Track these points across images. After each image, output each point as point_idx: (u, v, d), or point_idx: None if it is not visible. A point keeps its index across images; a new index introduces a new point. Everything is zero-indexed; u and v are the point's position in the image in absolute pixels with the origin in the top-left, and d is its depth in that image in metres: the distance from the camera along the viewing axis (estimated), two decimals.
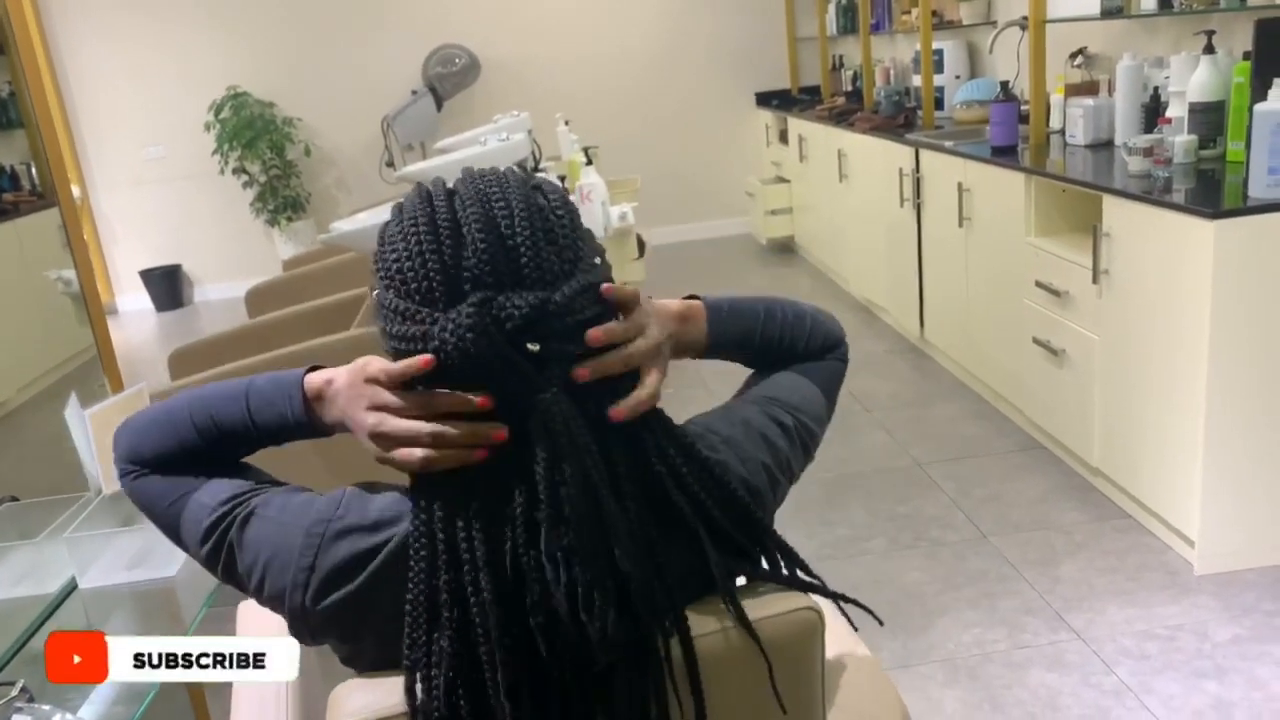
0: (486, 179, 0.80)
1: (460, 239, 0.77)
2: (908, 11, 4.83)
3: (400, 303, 0.77)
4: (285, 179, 6.30)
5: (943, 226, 3.65)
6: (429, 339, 0.75)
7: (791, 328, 1.02)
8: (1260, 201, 2.16)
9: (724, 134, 6.64)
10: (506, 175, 0.81)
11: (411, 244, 0.77)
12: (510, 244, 0.76)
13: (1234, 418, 2.26)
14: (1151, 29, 3.21)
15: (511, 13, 6.31)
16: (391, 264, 0.79)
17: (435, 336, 0.75)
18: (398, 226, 0.80)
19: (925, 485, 2.98)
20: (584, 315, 0.78)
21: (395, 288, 0.78)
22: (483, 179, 0.80)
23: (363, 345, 2.57)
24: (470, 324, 0.74)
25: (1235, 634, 2.14)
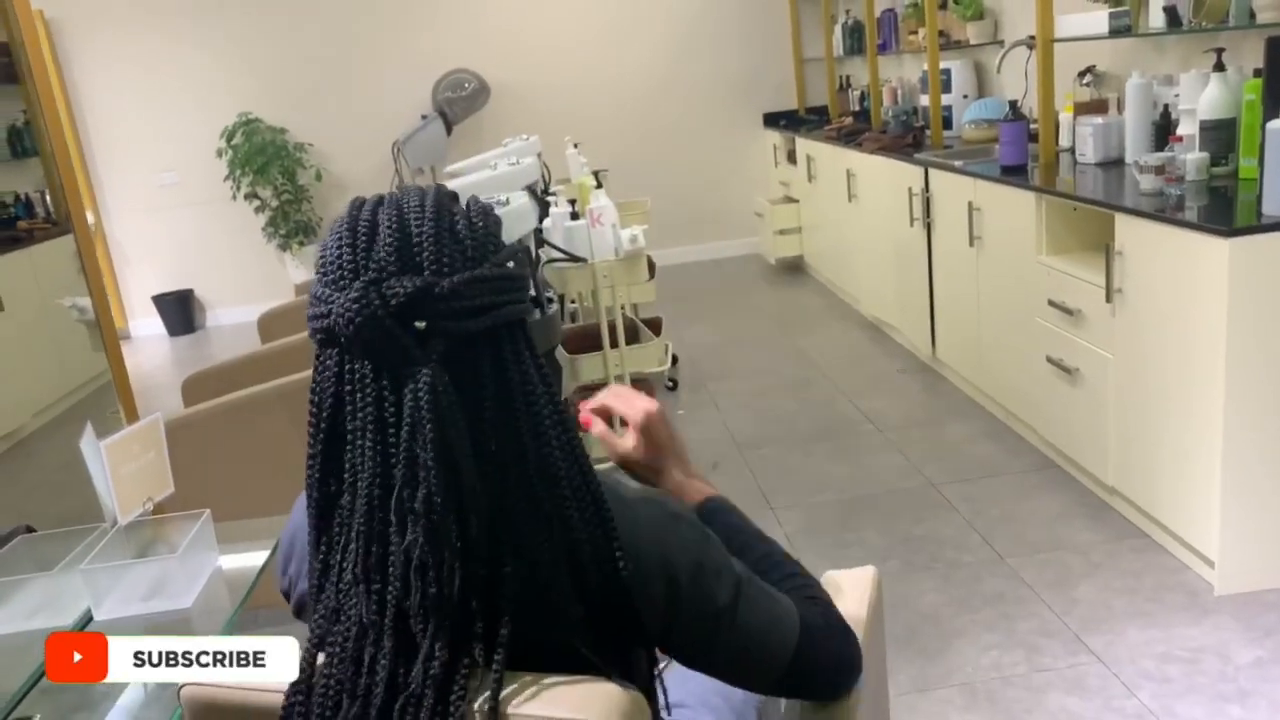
0: (412, 191, 0.88)
1: (374, 236, 0.84)
2: (914, 32, 4.85)
3: (316, 287, 0.84)
4: (297, 204, 6.34)
5: (953, 246, 3.64)
6: (328, 314, 0.82)
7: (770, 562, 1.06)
8: (1274, 219, 2.15)
9: (732, 155, 6.66)
10: (432, 189, 0.88)
11: (332, 239, 0.85)
12: (414, 239, 0.83)
13: (1251, 435, 2.24)
14: (1160, 47, 3.21)
15: (520, 37, 6.35)
16: (318, 256, 0.87)
17: (335, 312, 0.81)
18: (329, 231, 0.87)
19: (939, 506, 2.96)
20: (478, 301, 0.83)
21: (318, 275, 0.86)
22: (410, 191, 0.88)
23: None
24: (356, 298, 0.80)
25: (1258, 656, 2.11)
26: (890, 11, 5.23)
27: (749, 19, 6.46)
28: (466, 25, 6.31)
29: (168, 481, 1.47)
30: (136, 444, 1.39)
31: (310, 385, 0.86)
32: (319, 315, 0.83)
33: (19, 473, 2.34)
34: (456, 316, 0.82)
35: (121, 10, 6.14)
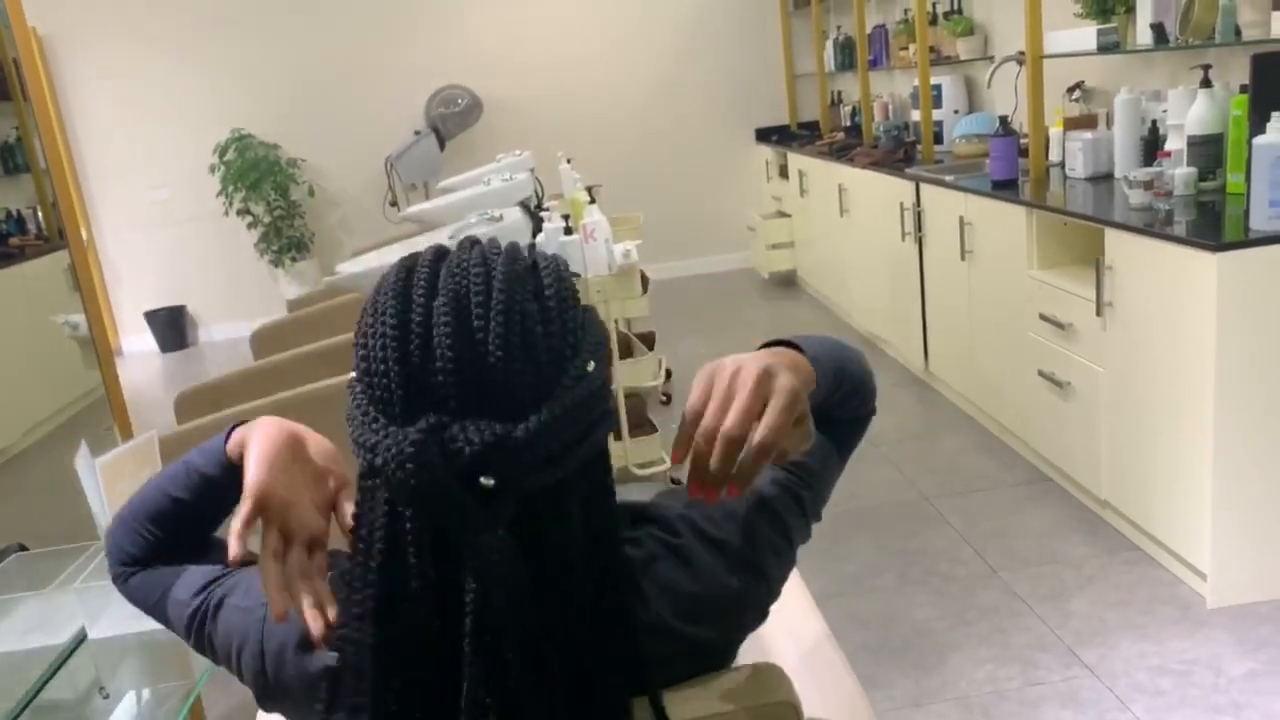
0: (474, 272, 0.71)
1: (429, 350, 0.69)
2: (905, 47, 4.88)
3: (362, 403, 0.71)
4: (289, 220, 6.35)
5: (945, 260, 3.66)
6: (376, 452, 0.68)
7: (864, 371, 0.99)
8: (1262, 234, 2.17)
9: (725, 169, 6.69)
10: (494, 271, 0.71)
11: (377, 345, 0.70)
12: (480, 365, 0.68)
13: (1242, 449, 2.25)
14: (1148, 63, 3.24)
15: (512, 54, 6.38)
16: (360, 358, 0.72)
17: (380, 453, 0.68)
18: (371, 315, 0.72)
19: (933, 520, 2.97)
20: (557, 446, 0.69)
21: (362, 383, 0.72)
22: (469, 273, 0.71)
23: None
24: (412, 453, 0.66)
25: (1250, 669, 2.12)
26: (881, 27, 5.27)
27: (741, 34, 6.50)
28: (459, 41, 6.34)
29: None
30: (131, 462, 1.39)
31: (357, 519, 0.73)
32: (364, 447, 0.69)
33: (11, 490, 2.34)
34: (533, 470, 0.68)
35: (114, 27, 6.15)
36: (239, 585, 0.88)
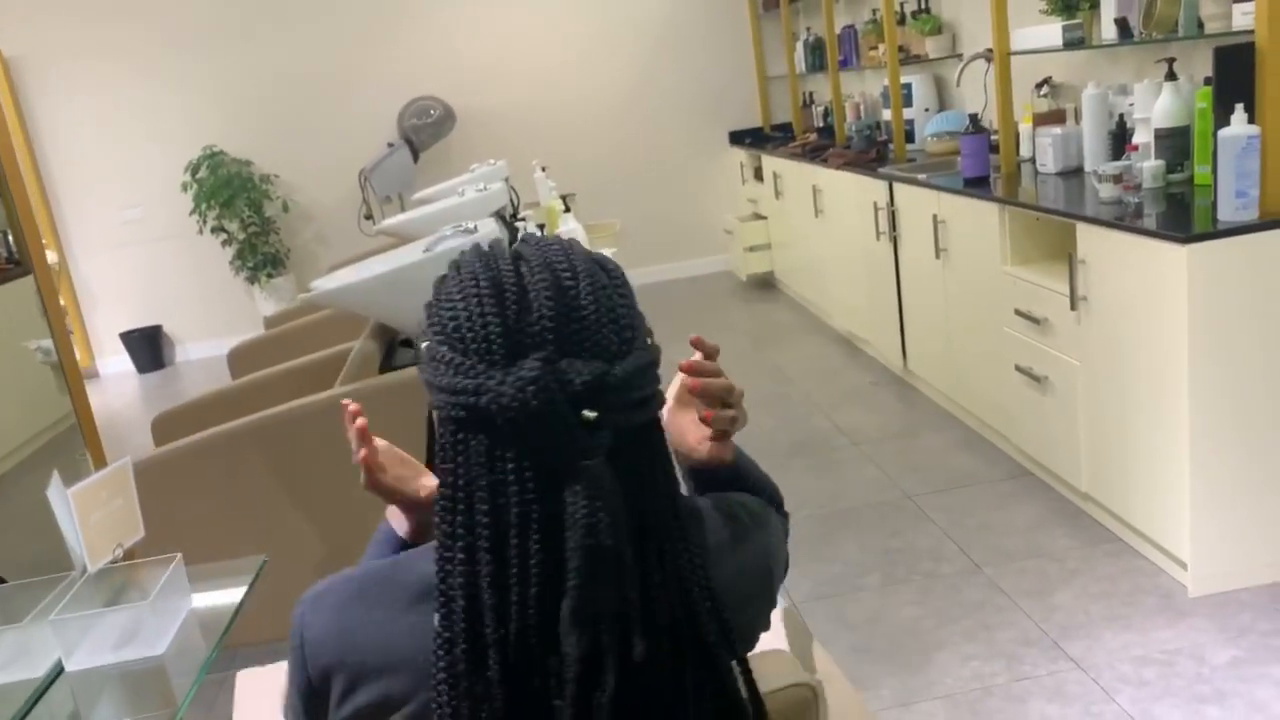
0: (553, 248, 0.81)
1: (526, 302, 0.77)
2: (875, 47, 4.91)
3: (455, 357, 0.76)
4: (264, 236, 6.31)
5: (920, 258, 3.68)
6: (482, 393, 0.74)
7: (765, 479, 1.13)
8: (1229, 224, 2.19)
9: (700, 173, 6.70)
10: (572, 247, 0.82)
11: (472, 303, 0.77)
12: (577, 314, 0.77)
13: (1218, 438, 2.27)
14: (1113, 58, 3.27)
15: (484, 63, 6.37)
16: (448, 320, 0.78)
17: (491, 390, 0.74)
18: (456, 284, 0.79)
19: (916, 518, 2.98)
20: (640, 393, 0.78)
21: (450, 343, 0.77)
22: (549, 248, 0.81)
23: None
24: (534, 379, 0.73)
25: (1233, 656, 2.13)
26: (850, 28, 5.30)
27: (712, 38, 6.51)
28: (430, 52, 6.32)
29: (138, 526, 1.45)
30: (105, 490, 1.37)
31: (448, 475, 0.77)
32: (465, 392, 0.74)
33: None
34: (626, 409, 0.77)
35: (81, 47, 6.10)
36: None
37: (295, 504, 2.59)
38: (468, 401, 0.75)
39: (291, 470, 2.57)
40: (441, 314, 0.79)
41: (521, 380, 0.73)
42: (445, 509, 0.78)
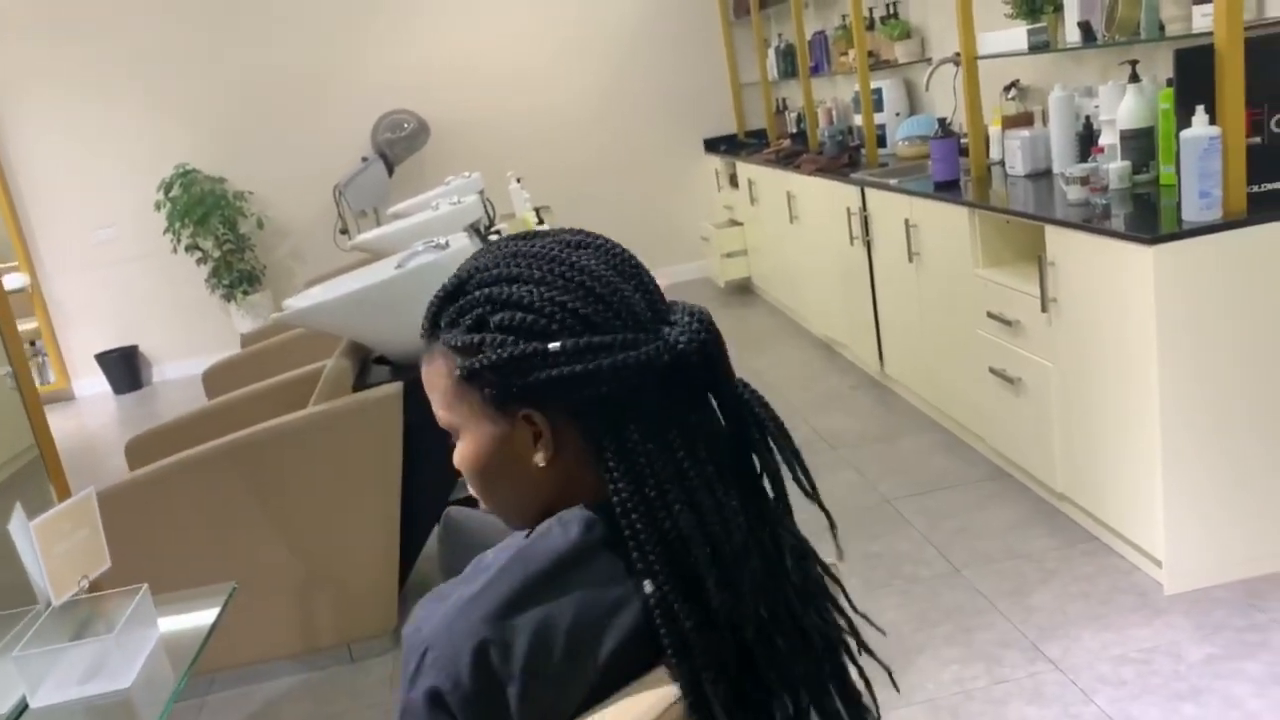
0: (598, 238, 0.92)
1: (634, 272, 0.90)
2: (845, 53, 4.93)
3: (602, 339, 0.84)
4: (239, 253, 6.28)
5: (893, 262, 3.70)
6: (662, 351, 0.84)
7: None
8: (1194, 225, 2.21)
9: (676, 181, 6.71)
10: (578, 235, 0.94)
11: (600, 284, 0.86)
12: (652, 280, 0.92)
13: (1189, 435, 2.29)
14: (1078, 60, 3.30)
15: (458, 76, 6.37)
16: (589, 304, 0.85)
17: (673, 339, 0.85)
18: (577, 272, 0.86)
19: (895, 521, 2.99)
20: None
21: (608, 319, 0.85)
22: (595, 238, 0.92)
23: (322, 423, 2.55)
24: (700, 327, 0.87)
25: (1209, 653, 2.15)
26: (821, 34, 5.32)
27: (684, 47, 6.53)
28: (403, 66, 6.31)
29: (103, 557, 1.44)
30: (68, 521, 1.36)
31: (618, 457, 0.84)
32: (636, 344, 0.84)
33: None
34: None
35: (50, 67, 6.06)
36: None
37: (272, 525, 2.57)
38: (647, 360, 0.83)
39: (266, 491, 2.56)
40: (552, 315, 0.84)
41: (694, 329, 0.86)
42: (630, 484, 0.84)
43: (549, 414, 0.86)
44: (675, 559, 0.83)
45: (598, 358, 0.83)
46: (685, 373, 0.86)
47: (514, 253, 0.89)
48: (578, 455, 0.88)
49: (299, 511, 2.60)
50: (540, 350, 0.83)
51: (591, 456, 0.86)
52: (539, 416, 0.87)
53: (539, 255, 0.88)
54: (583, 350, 0.83)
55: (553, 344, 0.83)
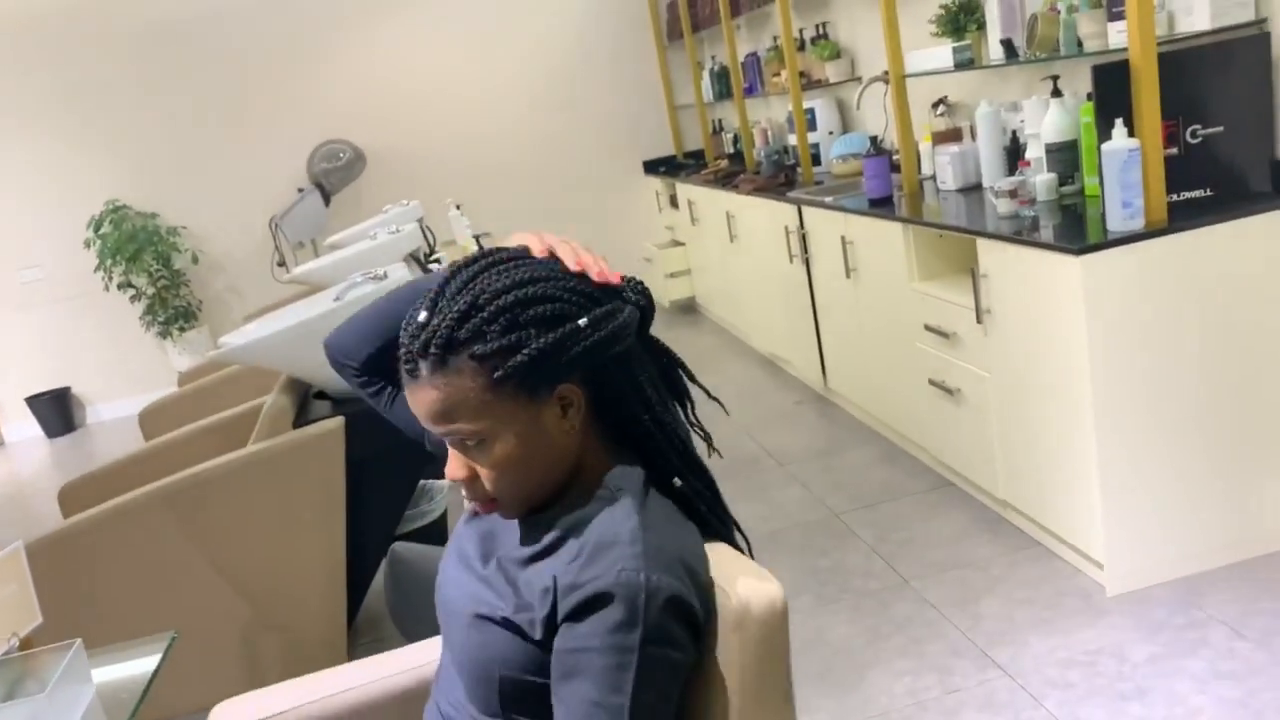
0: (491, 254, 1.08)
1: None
2: (777, 74, 5.00)
3: (607, 307, 1.03)
4: (174, 289, 6.16)
5: (832, 279, 3.74)
6: (634, 311, 1.06)
7: None
8: (1119, 234, 2.28)
9: (616, 203, 6.74)
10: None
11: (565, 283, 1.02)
12: None
13: (1122, 439, 2.35)
14: (1003, 76, 3.39)
15: (393, 104, 6.33)
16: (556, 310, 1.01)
17: (634, 301, 1.07)
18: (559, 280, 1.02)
19: (844, 535, 3.01)
20: None
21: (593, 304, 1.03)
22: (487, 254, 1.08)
23: (262, 461, 2.50)
24: (644, 289, 1.11)
25: (1151, 652, 2.19)
26: (753, 55, 5.39)
27: (620, 70, 6.57)
28: (338, 96, 6.26)
29: (34, 613, 1.39)
30: None
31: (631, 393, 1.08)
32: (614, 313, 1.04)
33: None
34: None
35: None
36: None
37: (213, 569, 2.51)
38: (620, 320, 1.03)
39: (207, 534, 2.50)
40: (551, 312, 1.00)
41: (640, 293, 1.09)
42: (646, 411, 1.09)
43: (574, 384, 1.03)
44: (685, 453, 1.12)
45: (612, 321, 1.02)
46: (645, 321, 1.10)
47: (499, 265, 1.03)
48: (587, 416, 1.06)
49: (241, 553, 2.54)
50: (574, 328, 0.99)
51: (598, 418, 1.08)
52: (571, 388, 1.03)
53: (523, 261, 1.03)
54: (601, 319, 1.01)
55: (581, 320, 1.00)
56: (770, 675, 0.99)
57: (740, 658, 0.97)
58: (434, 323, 0.99)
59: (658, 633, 0.95)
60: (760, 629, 0.98)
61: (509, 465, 1.02)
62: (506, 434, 1.01)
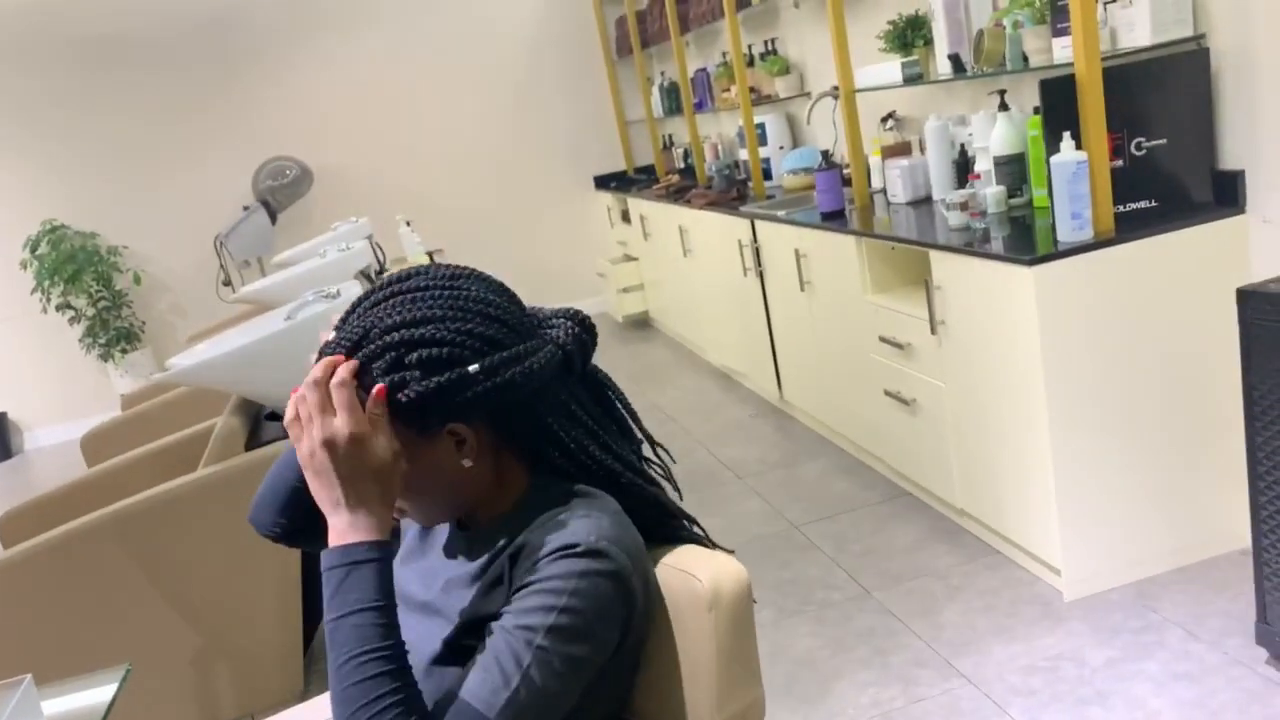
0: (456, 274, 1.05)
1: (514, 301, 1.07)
2: (727, 89, 5.04)
3: (506, 354, 0.99)
4: (116, 310, 6.01)
5: (786, 292, 3.77)
6: (554, 352, 1.03)
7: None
8: (1069, 245, 2.32)
9: (568, 218, 6.73)
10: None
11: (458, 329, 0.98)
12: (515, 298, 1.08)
13: (1077, 446, 2.38)
14: (951, 91, 3.44)
15: (341, 121, 6.26)
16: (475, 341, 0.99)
17: (561, 340, 1.05)
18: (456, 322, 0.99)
19: (804, 547, 3.02)
20: None
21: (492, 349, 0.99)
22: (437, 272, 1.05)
23: (214, 486, 2.44)
24: (579, 327, 1.08)
25: (1109, 657, 2.23)
26: (703, 71, 5.43)
27: (569, 86, 6.58)
28: (283, 113, 6.17)
29: None
30: None
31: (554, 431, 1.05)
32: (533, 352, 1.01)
33: None
34: None
35: None
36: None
37: (165, 598, 2.44)
38: (543, 360, 1.01)
39: (158, 563, 2.43)
40: (472, 335, 0.98)
41: (571, 332, 1.06)
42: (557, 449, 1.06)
43: (469, 423, 1.00)
44: (613, 482, 1.08)
45: (510, 369, 0.99)
46: (570, 362, 1.06)
47: (403, 295, 1.00)
48: (494, 447, 1.04)
49: (194, 581, 2.47)
50: (462, 375, 0.96)
51: (508, 444, 1.05)
52: (462, 427, 0.99)
53: (429, 292, 1.00)
54: (496, 366, 0.98)
55: (471, 366, 0.97)
56: (742, 651, 1.05)
57: (715, 637, 1.02)
58: (332, 346, 0.99)
59: (589, 598, 0.94)
60: (732, 606, 1.03)
61: (405, 489, 1.00)
62: (399, 460, 0.98)
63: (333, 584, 0.93)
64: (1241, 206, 2.36)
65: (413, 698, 0.91)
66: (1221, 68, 2.35)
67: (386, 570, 0.93)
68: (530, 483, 1.06)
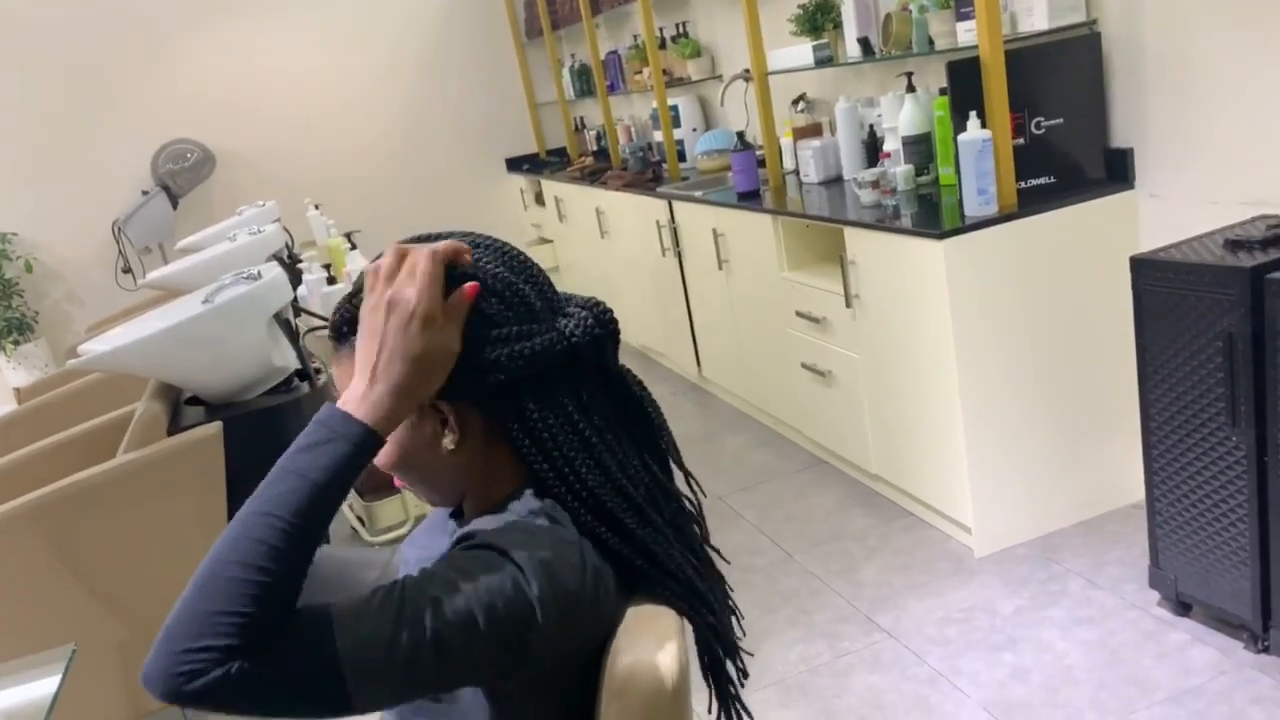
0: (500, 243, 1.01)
1: (539, 282, 0.98)
2: (639, 71, 5.08)
3: (498, 333, 0.92)
4: (5, 300, 5.75)
5: (704, 271, 3.85)
6: (557, 341, 0.94)
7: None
8: (976, 219, 2.44)
9: (480, 200, 6.69)
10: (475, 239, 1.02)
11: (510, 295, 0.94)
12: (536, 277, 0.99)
13: (985, 411, 2.52)
14: (859, 74, 3.56)
15: (242, 102, 6.09)
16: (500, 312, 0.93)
17: (568, 331, 0.95)
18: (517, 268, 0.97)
19: (728, 517, 3.11)
20: None
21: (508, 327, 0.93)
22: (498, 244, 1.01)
23: (136, 471, 2.39)
24: (595, 320, 0.97)
25: (1018, 605, 2.37)
26: (614, 53, 5.46)
27: (477, 67, 6.52)
28: (182, 94, 5.98)
29: None
30: None
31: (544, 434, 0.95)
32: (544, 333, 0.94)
33: None
34: None
35: None
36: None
37: (86, 589, 2.39)
38: (552, 347, 0.93)
39: (79, 552, 2.37)
40: (488, 314, 0.92)
41: (586, 323, 0.96)
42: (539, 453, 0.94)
43: (452, 401, 0.93)
44: (596, 508, 0.95)
45: (496, 350, 0.92)
46: (580, 358, 0.96)
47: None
48: (487, 435, 0.96)
49: (117, 569, 2.42)
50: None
51: (499, 434, 0.95)
52: (444, 404, 0.94)
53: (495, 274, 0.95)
54: (480, 341, 0.91)
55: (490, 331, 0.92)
56: None
57: None
58: (344, 305, 0.98)
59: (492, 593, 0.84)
60: (641, 707, 0.88)
61: (389, 461, 0.97)
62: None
63: (306, 439, 0.86)
64: (1131, 182, 2.52)
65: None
66: (1112, 51, 2.50)
67: (358, 461, 0.85)
68: (520, 485, 0.97)
